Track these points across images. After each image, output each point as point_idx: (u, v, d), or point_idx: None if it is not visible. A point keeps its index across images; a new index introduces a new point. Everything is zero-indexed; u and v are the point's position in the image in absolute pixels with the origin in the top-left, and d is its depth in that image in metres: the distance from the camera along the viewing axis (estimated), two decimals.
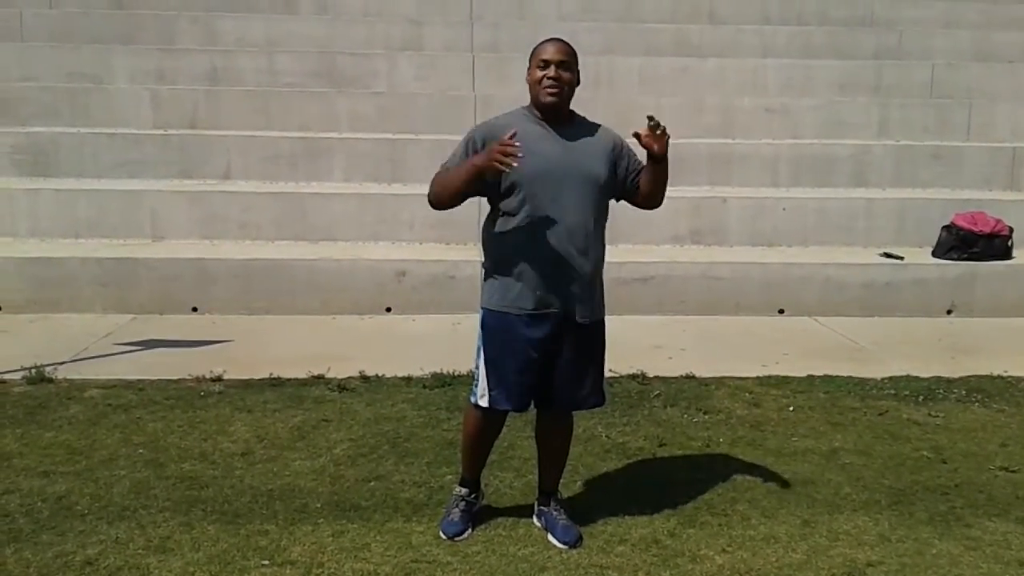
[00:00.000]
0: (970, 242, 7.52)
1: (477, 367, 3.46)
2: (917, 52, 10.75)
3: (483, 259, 3.48)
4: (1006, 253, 7.63)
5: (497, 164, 3.12)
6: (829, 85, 10.09)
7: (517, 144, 3.12)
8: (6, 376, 5.29)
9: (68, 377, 5.30)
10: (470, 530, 3.56)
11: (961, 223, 7.62)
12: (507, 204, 3.33)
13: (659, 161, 3.39)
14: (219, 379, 5.31)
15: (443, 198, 3.40)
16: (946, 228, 7.70)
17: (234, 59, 9.67)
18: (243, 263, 7.03)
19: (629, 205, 3.64)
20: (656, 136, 3.32)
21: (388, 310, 7.02)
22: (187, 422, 4.68)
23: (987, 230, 7.55)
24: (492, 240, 3.41)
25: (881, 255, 7.70)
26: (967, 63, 10.52)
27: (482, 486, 3.76)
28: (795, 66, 10.19)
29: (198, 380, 5.29)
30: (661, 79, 9.90)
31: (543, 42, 3.40)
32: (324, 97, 9.18)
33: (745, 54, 10.49)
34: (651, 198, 3.55)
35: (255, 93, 9.17)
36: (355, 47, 10.11)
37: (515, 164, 3.12)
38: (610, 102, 9.16)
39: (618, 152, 3.49)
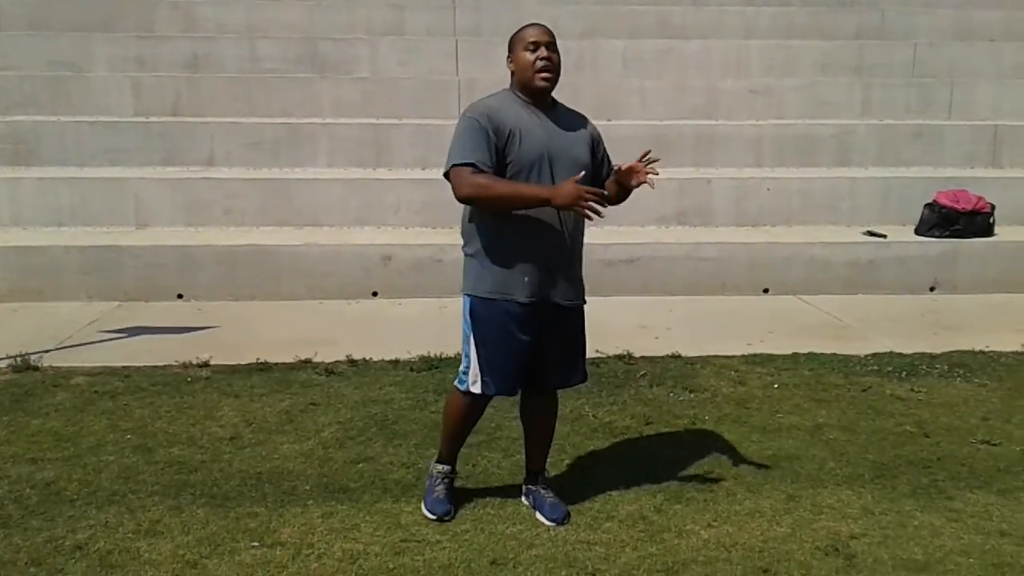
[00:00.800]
0: (952, 219, 7.58)
1: (466, 354, 3.46)
2: (899, 31, 10.80)
3: (464, 245, 3.45)
4: (988, 230, 7.69)
5: (583, 211, 3.14)
6: (812, 65, 10.12)
7: (605, 193, 3.25)
8: None
9: (54, 365, 5.29)
10: (453, 508, 3.57)
11: (943, 201, 7.68)
12: None
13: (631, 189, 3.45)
14: (206, 365, 5.31)
15: (485, 205, 3.29)
16: (928, 206, 7.76)
17: (215, 45, 9.62)
18: (228, 249, 7.02)
19: None
20: (642, 171, 3.34)
21: (374, 294, 7.02)
22: (174, 407, 4.68)
23: (969, 207, 7.60)
24: (482, 226, 3.36)
25: (865, 233, 7.76)
26: (949, 42, 10.58)
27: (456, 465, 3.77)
28: (778, 47, 10.22)
29: (185, 366, 5.29)
30: (644, 61, 9.92)
31: (526, 27, 3.39)
32: (307, 83, 9.15)
33: (728, 35, 10.51)
34: (614, 203, 3.57)
35: (237, 79, 9.13)
36: (337, 32, 10.09)
37: (602, 215, 3.18)
38: (593, 85, 9.20)
39: (596, 141, 3.52)
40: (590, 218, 3.19)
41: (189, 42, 9.63)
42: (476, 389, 3.44)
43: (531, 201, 3.23)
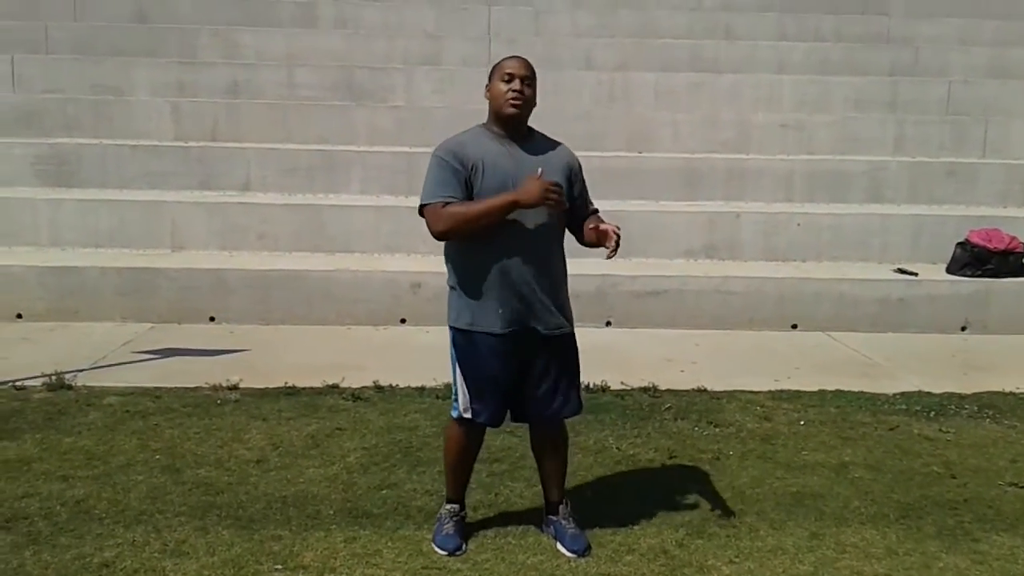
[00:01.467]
0: (984, 259, 7.52)
1: (454, 383, 3.53)
2: (933, 69, 10.77)
3: (448, 277, 3.51)
4: (1020, 270, 7.61)
5: (552, 203, 3.22)
6: (845, 101, 10.12)
7: (562, 185, 3.32)
8: (27, 383, 5.39)
9: (87, 384, 5.39)
10: (464, 544, 3.58)
11: (975, 240, 7.62)
12: None
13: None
14: (235, 388, 5.38)
15: (463, 232, 3.33)
16: (960, 245, 7.70)
17: (254, 72, 9.81)
18: (260, 273, 7.12)
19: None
20: (610, 239, 3.34)
21: (403, 321, 7.08)
22: (203, 429, 4.75)
23: (1001, 247, 7.54)
24: (458, 258, 3.45)
25: (895, 271, 7.71)
26: (983, 80, 10.54)
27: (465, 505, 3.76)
28: (811, 82, 10.22)
29: (215, 388, 5.36)
30: (676, 94, 9.96)
31: (506, 58, 3.46)
32: (343, 110, 9.29)
33: (761, 70, 10.53)
34: (589, 246, 3.57)
35: (275, 106, 9.29)
36: (374, 61, 10.24)
37: (566, 206, 3.33)
38: (625, 118, 9.26)
39: (575, 173, 3.54)
40: (554, 208, 3.26)
41: (229, 69, 9.83)
42: (468, 415, 3.49)
43: (502, 209, 3.26)
